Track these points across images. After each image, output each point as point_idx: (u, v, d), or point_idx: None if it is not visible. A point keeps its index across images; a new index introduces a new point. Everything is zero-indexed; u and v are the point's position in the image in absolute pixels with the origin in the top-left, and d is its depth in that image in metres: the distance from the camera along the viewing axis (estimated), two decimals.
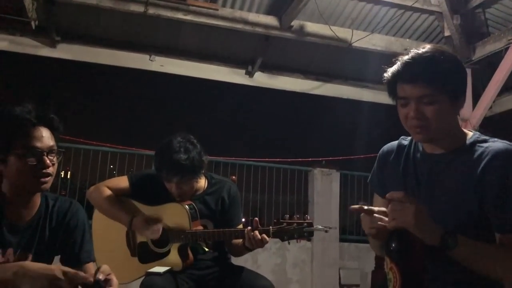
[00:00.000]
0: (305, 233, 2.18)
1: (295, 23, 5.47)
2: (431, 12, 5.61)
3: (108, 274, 1.26)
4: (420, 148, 1.50)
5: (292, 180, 6.87)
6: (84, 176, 5.89)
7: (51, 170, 1.55)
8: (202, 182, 2.49)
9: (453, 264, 1.27)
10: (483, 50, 5.66)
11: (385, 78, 1.42)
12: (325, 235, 6.79)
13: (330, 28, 5.48)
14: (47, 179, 1.55)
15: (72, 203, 1.73)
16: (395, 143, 1.59)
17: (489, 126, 5.88)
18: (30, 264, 1.28)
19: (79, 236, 1.70)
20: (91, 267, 1.71)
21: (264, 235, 2.16)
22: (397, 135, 1.61)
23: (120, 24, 5.72)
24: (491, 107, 6.20)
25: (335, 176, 7.01)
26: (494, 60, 5.58)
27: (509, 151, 1.33)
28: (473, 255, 1.23)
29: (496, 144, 1.36)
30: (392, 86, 1.41)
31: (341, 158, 6.70)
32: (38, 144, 1.52)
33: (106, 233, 2.44)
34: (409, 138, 1.56)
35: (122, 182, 2.45)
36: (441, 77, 1.34)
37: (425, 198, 1.37)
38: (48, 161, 1.54)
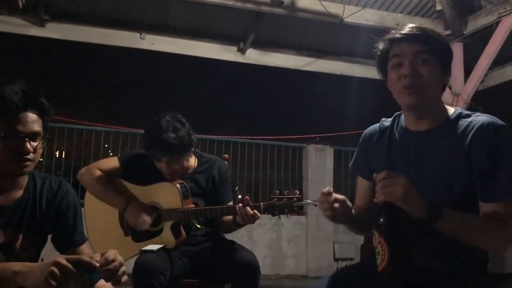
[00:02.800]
0: (295, 207, 2.21)
1: None
2: None
3: (113, 260, 1.27)
4: (404, 126, 1.52)
5: (286, 157, 6.90)
6: (78, 157, 5.90)
7: (31, 156, 1.51)
8: (192, 161, 2.51)
9: (436, 235, 1.30)
10: (475, 23, 5.63)
11: (379, 45, 1.48)
12: (319, 210, 6.94)
13: (321, 3, 5.44)
14: (27, 163, 1.51)
15: (61, 183, 1.71)
16: (376, 125, 1.61)
17: (481, 100, 5.89)
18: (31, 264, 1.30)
19: (71, 218, 1.70)
20: (84, 248, 1.73)
21: (256, 211, 2.20)
22: (389, 111, 1.62)
23: (109, 2, 5.64)
24: (483, 81, 6.21)
25: (329, 152, 7.02)
26: (486, 33, 5.57)
27: (493, 123, 1.36)
28: (458, 226, 1.26)
29: (480, 117, 1.39)
30: (385, 53, 1.46)
31: (334, 134, 6.71)
32: (21, 128, 1.48)
33: (99, 213, 2.47)
34: (391, 119, 1.59)
35: (112, 163, 2.46)
36: (435, 41, 1.44)
37: (413, 175, 1.37)
38: (28, 146, 1.49)
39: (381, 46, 1.49)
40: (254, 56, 6.44)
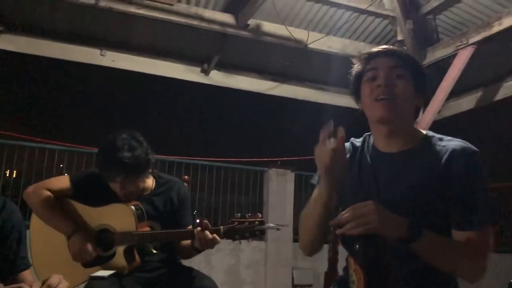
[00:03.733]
0: (256, 231, 2.12)
1: (252, 22, 5.43)
2: (385, 16, 5.71)
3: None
4: (374, 147, 1.48)
5: (247, 181, 6.87)
6: (29, 176, 5.62)
7: None
8: (150, 182, 2.39)
9: (410, 262, 1.27)
10: (434, 55, 5.82)
11: (355, 64, 1.47)
12: (279, 235, 6.91)
13: (286, 28, 5.48)
14: None
15: (6, 203, 1.59)
16: (347, 144, 1.55)
17: (438, 129, 6.03)
18: None
19: (14, 242, 1.58)
20: (27, 275, 1.60)
21: (215, 235, 2.09)
22: (354, 136, 1.58)
23: (69, 16, 5.48)
24: (440, 111, 6.39)
25: (290, 176, 7.05)
26: (444, 65, 5.75)
27: (467, 149, 1.34)
28: (436, 248, 1.23)
29: (452, 142, 1.37)
30: (359, 72, 1.45)
31: (296, 158, 6.72)
32: None
33: (47, 235, 2.29)
34: (360, 139, 1.54)
35: (63, 182, 2.30)
36: (410, 59, 1.44)
37: (385, 197, 1.35)
38: None
39: (355, 66, 1.48)
40: (218, 78, 6.40)
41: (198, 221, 2.17)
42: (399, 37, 5.69)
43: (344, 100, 6.59)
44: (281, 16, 5.38)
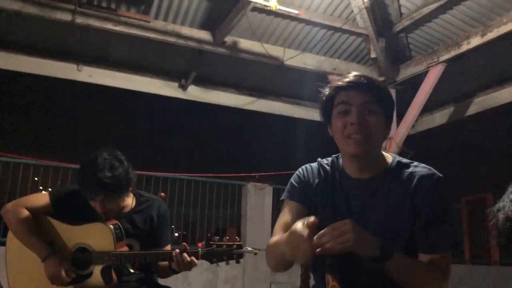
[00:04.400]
0: (234, 255, 2.16)
1: (229, 39, 5.51)
2: (358, 34, 5.86)
3: None
4: (345, 172, 1.50)
5: (226, 195, 6.86)
6: (3, 190, 5.52)
7: None
8: (130, 200, 2.40)
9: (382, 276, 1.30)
10: (406, 72, 5.99)
11: (325, 89, 1.47)
12: (258, 247, 6.91)
13: (262, 45, 5.57)
14: None
15: None
16: (314, 165, 1.57)
17: (411, 144, 6.19)
18: None
19: None
20: None
21: (193, 258, 2.12)
22: (329, 151, 1.61)
23: (46, 31, 5.46)
24: (413, 126, 6.55)
25: (268, 190, 7.06)
26: (416, 81, 5.92)
27: (433, 176, 1.39)
28: (406, 268, 1.28)
29: (419, 169, 1.42)
30: (330, 98, 1.45)
31: (273, 173, 6.76)
32: None
33: (23, 253, 2.28)
34: (329, 160, 1.56)
35: (42, 200, 2.30)
36: (382, 92, 1.44)
37: (358, 222, 1.32)
38: None
39: (326, 91, 1.49)
40: (195, 93, 6.43)
41: (176, 234, 2.18)
42: (373, 55, 5.84)
43: (318, 115, 6.69)
44: (257, 33, 5.47)
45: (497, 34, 4.90)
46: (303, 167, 1.58)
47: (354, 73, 1.48)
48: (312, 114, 6.75)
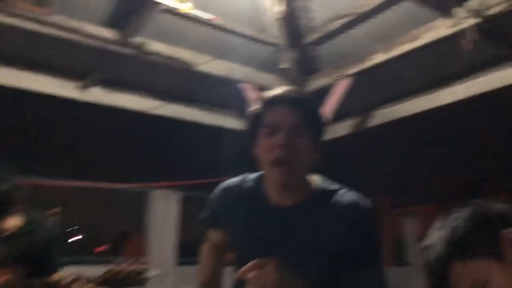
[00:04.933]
0: (137, 280, 1.97)
1: (137, 39, 5.21)
2: (271, 44, 5.86)
3: None
4: (265, 198, 1.39)
5: (129, 202, 6.57)
6: None
7: None
8: (16, 221, 2.11)
9: None
10: (315, 83, 6.12)
11: (257, 105, 1.34)
12: (161, 259, 6.71)
13: (173, 49, 5.35)
14: None
15: None
16: (237, 181, 1.46)
17: (320, 152, 6.32)
18: None
19: None
20: None
21: (91, 285, 1.90)
22: (242, 161, 1.50)
23: None
24: None
25: (175, 197, 6.93)
26: (324, 93, 6.06)
27: (361, 207, 1.32)
28: None
29: (346, 197, 1.34)
30: (258, 115, 1.33)
31: (180, 183, 6.57)
32: None
33: None
34: (254, 179, 1.45)
35: None
36: (313, 114, 1.34)
37: (276, 254, 1.24)
38: None
39: (255, 106, 1.37)
40: (98, 95, 6.01)
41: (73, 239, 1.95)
42: (284, 65, 5.88)
43: (230, 122, 6.62)
44: (169, 36, 5.25)
45: (399, 52, 5.16)
46: (223, 184, 1.49)
47: (287, 89, 1.37)
48: (223, 121, 6.65)
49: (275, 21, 5.29)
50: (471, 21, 4.33)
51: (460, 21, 4.46)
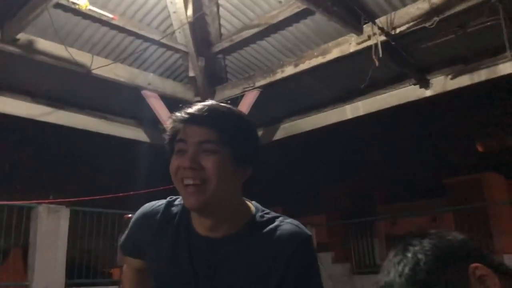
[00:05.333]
0: None
1: (22, 36, 4.58)
2: (177, 50, 5.53)
3: None
4: (192, 227, 1.21)
5: (10, 220, 5.86)
6: None
7: None
8: None
9: None
10: (223, 94, 5.90)
11: (170, 121, 1.18)
12: (48, 281, 6.03)
13: (66, 49, 4.78)
14: None
15: None
16: (161, 206, 1.28)
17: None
18: None
19: None
20: None
21: None
22: (147, 174, 1.24)
23: None
24: None
25: (64, 213, 6.32)
26: (233, 104, 5.86)
27: (299, 238, 1.16)
28: None
29: (284, 227, 1.18)
30: (175, 132, 1.18)
31: (72, 200, 5.96)
32: None
33: None
34: (180, 202, 1.26)
35: None
36: (229, 126, 1.15)
37: None
38: None
39: (171, 123, 1.19)
40: None
41: None
42: (191, 73, 5.59)
43: (131, 132, 6.15)
44: (61, 34, 4.68)
45: (309, 65, 5.14)
46: (145, 207, 1.31)
47: (205, 102, 1.18)
48: (123, 131, 6.15)
49: (183, 26, 4.97)
50: (379, 38, 4.40)
51: (368, 38, 4.53)
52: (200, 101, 1.19)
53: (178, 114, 1.16)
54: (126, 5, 4.83)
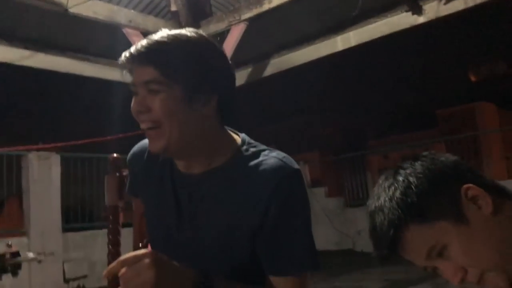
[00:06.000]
0: (8, 266, 1.58)
1: None
2: None
3: None
4: (175, 165, 1.16)
5: (1, 169, 5.92)
6: None
7: None
8: None
9: None
10: (208, 29, 5.66)
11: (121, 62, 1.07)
12: (45, 228, 6.09)
13: None
14: None
15: None
16: (146, 146, 1.20)
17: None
18: None
19: None
20: None
21: None
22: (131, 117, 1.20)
23: None
24: None
25: (55, 159, 6.33)
26: (219, 39, 5.66)
27: (284, 172, 1.07)
28: None
29: (269, 160, 1.09)
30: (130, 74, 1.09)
31: (61, 144, 5.87)
32: None
33: None
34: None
35: None
36: (176, 62, 1.04)
37: (188, 232, 1.10)
38: None
39: (121, 64, 1.09)
40: None
41: None
42: (173, 8, 5.35)
43: (114, 74, 5.96)
44: None
45: None
46: (134, 147, 1.28)
47: (148, 37, 1.06)
48: (106, 72, 5.97)
49: None
50: None
51: None
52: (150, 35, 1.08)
53: (123, 54, 1.06)
54: None
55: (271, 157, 1.09)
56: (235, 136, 1.16)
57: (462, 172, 0.86)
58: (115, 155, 1.49)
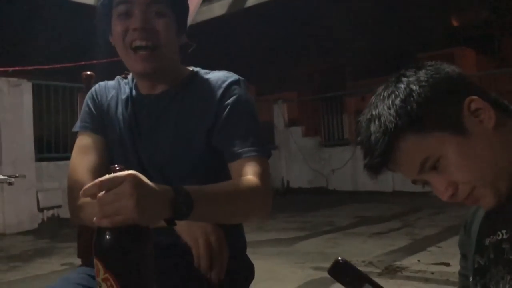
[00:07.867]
0: None
1: None
2: None
3: None
4: (137, 88, 1.27)
5: None
6: None
7: None
8: None
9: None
10: None
11: None
12: (17, 156, 5.98)
13: None
14: None
15: None
16: (111, 82, 1.33)
17: (192, 35, 5.87)
18: None
19: None
20: None
21: None
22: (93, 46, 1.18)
23: None
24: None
25: (26, 86, 6.16)
26: None
27: (231, 78, 1.22)
28: (210, 209, 0.97)
29: (216, 74, 1.26)
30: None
31: (32, 68, 5.64)
32: None
33: None
34: (128, 79, 1.32)
35: None
36: None
37: (148, 147, 1.22)
38: None
39: None
40: None
41: None
42: None
43: None
44: None
45: None
46: (96, 86, 1.34)
47: None
48: None
49: None
50: None
51: None
52: None
53: None
54: None
55: (220, 72, 1.24)
56: (187, 68, 1.28)
57: (466, 84, 0.83)
58: (88, 72, 1.46)
